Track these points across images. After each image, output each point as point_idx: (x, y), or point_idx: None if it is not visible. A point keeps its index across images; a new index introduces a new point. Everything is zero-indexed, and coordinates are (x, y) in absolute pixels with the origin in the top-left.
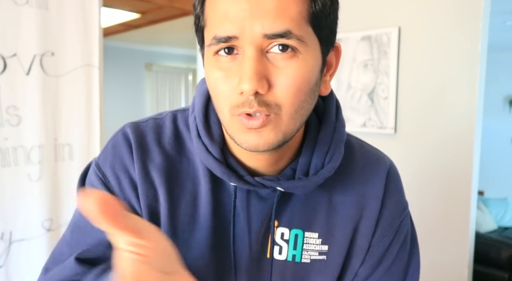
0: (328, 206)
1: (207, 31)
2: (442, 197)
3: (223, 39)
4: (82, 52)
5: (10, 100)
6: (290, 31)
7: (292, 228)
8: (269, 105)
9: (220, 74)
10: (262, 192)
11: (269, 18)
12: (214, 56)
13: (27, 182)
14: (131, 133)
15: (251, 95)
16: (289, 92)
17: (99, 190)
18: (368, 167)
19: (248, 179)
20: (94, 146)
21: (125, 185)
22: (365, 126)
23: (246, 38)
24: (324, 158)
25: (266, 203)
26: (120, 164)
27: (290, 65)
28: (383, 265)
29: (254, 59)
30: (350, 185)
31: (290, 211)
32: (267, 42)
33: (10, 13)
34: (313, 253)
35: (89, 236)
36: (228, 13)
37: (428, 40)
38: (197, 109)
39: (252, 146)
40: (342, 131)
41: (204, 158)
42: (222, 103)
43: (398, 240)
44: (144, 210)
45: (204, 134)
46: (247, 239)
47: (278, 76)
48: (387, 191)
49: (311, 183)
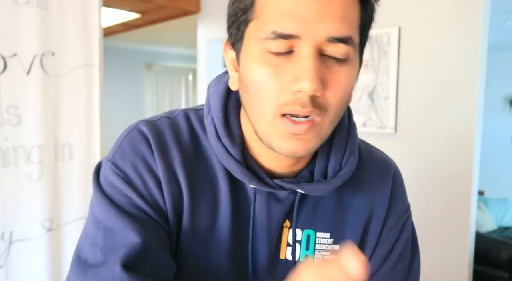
0: (339, 207)
1: (258, 25)
2: (442, 197)
3: (283, 36)
4: (82, 52)
5: (10, 100)
6: (351, 37)
7: (304, 229)
8: (320, 107)
9: (269, 70)
10: (279, 194)
11: (336, 21)
12: (264, 51)
13: (27, 182)
14: (148, 131)
15: (309, 95)
16: (338, 98)
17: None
18: (376, 169)
19: (268, 181)
20: (94, 146)
21: (150, 183)
22: (365, 126)
23: (309, 38)
24: (341, 161)
25: (283, 205)
26: (143, 163)
27: (342, 70)
28: (389, 263)
29: (314, 58)
30: (360, 186)
31: (303, 212)
32: (327, 45)
33: (10, 13)
34: (325, 253)
35: (123, 237)
36: (292, 9)
37: (428, 40)
38: (215, 109)
39: (291, 152)
40: (355, 134)
41: (225, 160)
42: (265, 101)
43: (403, 238)
44: (170, 209)
45: (225, 135)
46: (265, 240)
47: (331, 80)
48: (393, 191)
49: (331, 185)
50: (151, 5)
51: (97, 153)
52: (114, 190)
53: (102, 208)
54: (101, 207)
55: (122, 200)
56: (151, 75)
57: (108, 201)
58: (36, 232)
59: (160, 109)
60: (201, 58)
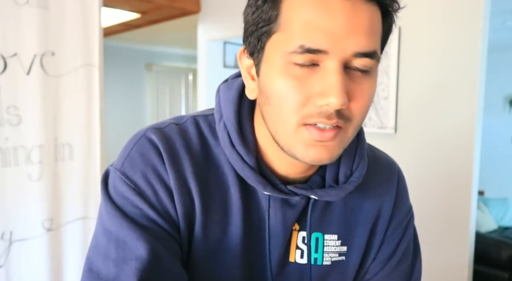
0: (346, 209)
1: (283, 38)
2: (442, 197)
3: (311, 50)
4: (82, 52)
5: (10, 100)
6: (376, 51)
7: (313, 232)
8: (344, 117)
9: (294, 82)
10: (292, 199)
11: (363, 36)
12: (289, 63)
13: (28, 182)
14: (158, 139)
15: (336, 109)
16: (362, 108)
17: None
18: (382, 171)
19: (282, 187)
20: (94, 146)
21: (162, 194)
22: (365, 126)
23: (337, 54)
24: (351, 166)
25: (295, 210)
26: (154, 173)
27: (365, 82)
28: (392, 262)
29: (340, 74)
30: (367, 189)
31: (311, 216)
32: (353, 59)
33: (11, 13)
34: (333, 255)
35: (136, 249)
36: (321, 25)
37: (428, 40)
38: (228, 116)
39: (316, 160)
40: (364, 138)
41: (239, 167)
42: (288, 113)
43: (406, 238)
44: (181, 219)
45: (239, 143)
46: (277, 245)
47: (355, 92)
48: (398, 192)
49: (343, 191)
50: (151, 5)
51: (97, 153)
52: (125, 201)
53: (112, 219)
54: (112, 218)
55: (133, 211)
56: (151, 75)
57: (119, 212)
58: (36, 232)
59: (160, 109)
60: (201, 58)
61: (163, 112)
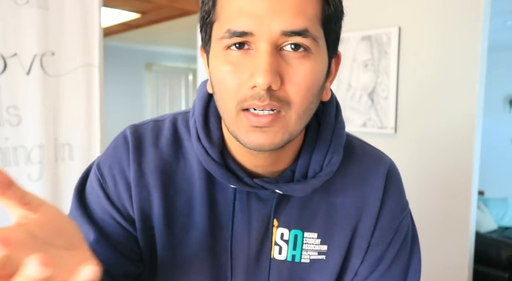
0: (327, 207)
1: (218, 25)
2: (442, 197)
3: (237, 33)
4: (82, 52)
5: (10, 100)
6: (307, 29)
7: (292, 229)
8: (280, 100)
9: (229, 68)
10: (261, 193)
11: (288, 15)
12: (224, 50)
13: (28, 182)
14: (130, 135)
15: (264, 89)
16: (301, 90)
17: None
18: (368, 168)
19: (247, 181)
20: (94, 146)
21: (121, 187)
22: (365, 126)
23: (263, 34)
24: (322, 161)
25: (266, 204)
26: (118, 166)
27: (303, 64)
28: (383, 265)
29: (269, 54)
30: (350, 186)
31: (290, 211)
32: (283, 39)
33: (10, 13)
34: (312, 253)
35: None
36: (245, 8)
37: (428, 40)
38: (197, 112)
39: (257, 146)
40: (341, 133)
41: (204, 161)
42: (228, 98)
43: (398, 240)
44: (137, 212)
45: (204, 137)
46: (245, 239)
47: (290, 74)
48: (387, 191)
49: (309, 186)
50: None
51: (97, 153)
52: (91, 189)
53: (72, 203)
54: (72, 202)
55: (93, 200)
56: (151, 75)
57: (79, 199)
58: None
59: (160, 109)
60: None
61: (163, 112)
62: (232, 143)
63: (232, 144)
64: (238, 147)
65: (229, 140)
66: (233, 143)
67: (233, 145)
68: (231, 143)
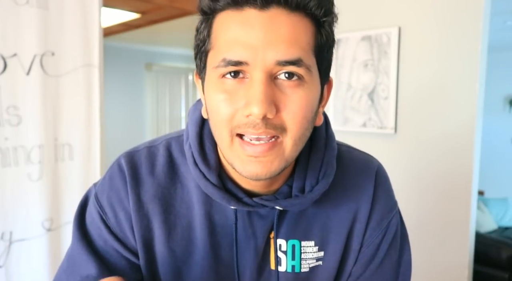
0: (322, 214)
1: (213, 54)
2: (442, 197)
3: (232, 62)
4: (82, 52)
5: (10, 100)
6: (301, 59)
7: (289, 239)
8: (276, 128)
9: (224, 96)
10: (261, 211)
11: (283, 45)
12: (219, 78)
13: (27, 182)
14: (125, 164)
15: (260, 118)
16: (296, 118)
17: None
18: (357, 173)
19: (247, 200)
20: (94, 146)
21: (121, 217)
22: (365, 126)
23: (258, 64)
24: (318, 174)
25: (266, 221)
26: (116, 197)
27: (297, 92)
28: (374, 264)
29: (264, 83)
30: (342, 193)
31: (286, 223)
32: (277, 68)
33: (10, 13)
34: (311, 261)
35: (80, 267)
36: (240, 38)
37: (428, 40)
38: (191, 137)
39: (253, 175)
40: (333, 146)
41: (203, 185)
42: (222, 126)
43: (387, 239)
44: (138, 241)
45: (201, 161)
46: (249, 256)
47: (285, 102)
48: (376, 193)
49: (307, 200)
50: (151, 5)
51: (97, 153)
52: (91, 220)
53: (74, 235)
54: (74, 234)
55: (95, 231)
56: (151, 75)
57: (80, 231)
58: (36, 232)
59: (160, 109)
60: None
61: (163, 112)
62: (229, 166)
63: (229, 167)
64: (234, 171)
65: (225, 163)
66: (230, 167)
67: (229, 167)
68: (228, 167)
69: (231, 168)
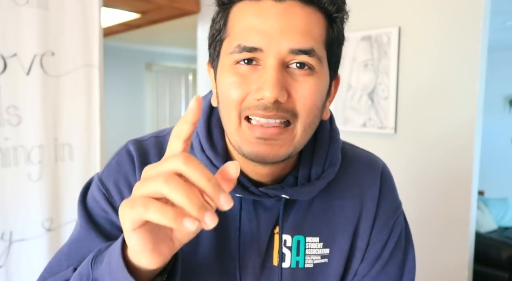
0: (327, 211)
1: (228, 41)
2: (442, 197)
3: (247, 49)
4: (82, 52)
5: (10, 100)
6: (314, 49)
7: (294, 235)
8: (287, 111)
9: (236, 79)
10: (267, 202)
11: (297, 35)
12: (233, 64)
13: (27, 182)
14: (134, 150)
15: (271, 102)
16: (306, 104)
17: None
18: (363, 170)
19: (253, 189)
20: (94, 146)
21: None
22: (365, 126)
23: (272, 51)
24: (323, 164)
25: (271, 213)
26: (124, 181)
27: (308, 80)
28: (380, 263)
29: (276, 69)
30: (347, 189)
31: (292, 218)
32: (290, 57)
33: (10, 13)
34: (315, 258)
35: (87, 249)
36: (256, 25)
37: (428, 40)
38: (199, 125)
39: (260, 157)
40: (337, 138)
41: (209, 171)
42: (231, 107)
43: (393, 238)
44: None
45: (208, 147)
46: (253, 248)
47: (296, 88)
48: (382, 191)
49: (315, 188)
50: (151, 5)
51: (97, 153)
52: (95, 204)
53: (78, 219)
54: (78, 219)
55: (99, 214)
56: (151, 75)
57: (85, 214)
58: (36, 232)
59: (160, 109)
60: (201, 58)
61: (163, 112)
62: (236, 154)
63: (236, 155)
64: (241, 158)
65: (233, 151)
66: (237, 154)
67: (237, 155)
68: (235, 153)
69: (238, 157)
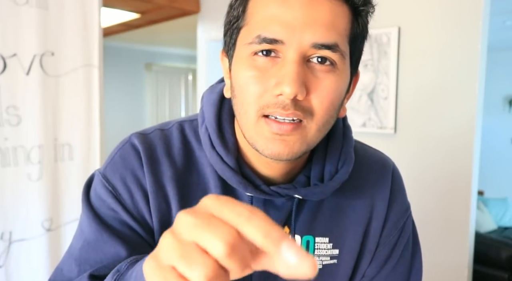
0: (337, 211)
1: (246, 31)
2: (442, 197)
3: (268, 40)
4: (82, 52)
5: (10, 100)
6: (337, 44)
7: (304, 235)
8: (304, 110)
9: (254, 73)
10: (277, 201)
11: (321, 28)
12: (251, 56)
13: (27, 182)
14: (140, 144)
15: (290, 98)
16: (324, 103)
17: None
18: (374, 170)
19: (264, 188)
20: (94, 146)
21: (138, 197)
22: (365, 126)
23: (293, 44)
24: (337, 164)
25: (281, 213)
26: (132, 177)
27: (328, 77)
28: (389, 264)
29: (297, 63)
30: (358, 189)
31: (301, 218)
32: (312, 51)
33: (10, 13)
34: (324, 258)
35: (100, 252)
36: (279, 16)
37: (428, 40)
38: (209, 119)
39: (275, 154)
40: (350, 136)
41: (220, 169)
42: (249, 103)
43: (403, 239)
44: (156, 222)
45: (219, 144)
46: None
47: (316, 85)
48: (393, 192)
49: (328, 189)
50: (151, 5)
51: (97, 153)
52: (101, 203)
53: (85, 220)
54: (85, 219)
55: (107, 214)
56: (151, 75)
57: (92, 214)
58: (36, 232)
59: (160, 109)
60: (201, 58)
61: (162, 112)
62: (248, 150)
63: (247, 151)
64: (253, 155)
65: (244, 147)
66: (249, 150)
67: (248, 152)
68: (246, 150)
69: (250, 153)
